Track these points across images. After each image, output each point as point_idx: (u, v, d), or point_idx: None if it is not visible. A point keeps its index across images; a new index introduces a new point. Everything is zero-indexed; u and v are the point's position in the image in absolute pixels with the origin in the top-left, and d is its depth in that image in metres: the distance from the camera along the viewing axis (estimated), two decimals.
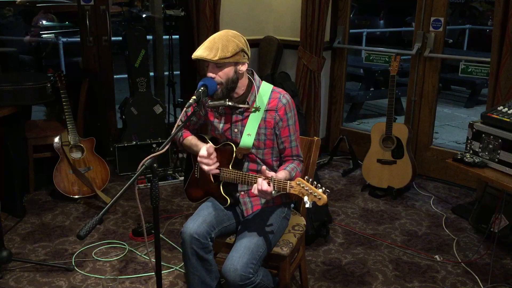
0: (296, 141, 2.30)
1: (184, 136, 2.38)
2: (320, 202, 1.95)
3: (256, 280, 2.12)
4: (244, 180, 2.18)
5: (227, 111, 2.29)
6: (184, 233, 2.19)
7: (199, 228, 2.18)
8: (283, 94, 2.26)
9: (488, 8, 10.24)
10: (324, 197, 1.94)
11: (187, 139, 2.37)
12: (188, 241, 2.17)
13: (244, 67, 2.18)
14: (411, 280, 2.92)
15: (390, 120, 3.90)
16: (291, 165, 2.26)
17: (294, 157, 2.31)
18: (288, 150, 2.29)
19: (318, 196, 1.95)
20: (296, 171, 2.25)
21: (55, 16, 7.76)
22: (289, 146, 2.28)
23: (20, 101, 3.38)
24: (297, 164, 2.29)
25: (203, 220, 2.22)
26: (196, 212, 2.29)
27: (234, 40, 2.12)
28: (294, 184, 2.00)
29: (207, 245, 2.20)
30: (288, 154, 2.30)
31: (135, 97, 4.37)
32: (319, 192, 1.95)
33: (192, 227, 2.18)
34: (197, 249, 2.17)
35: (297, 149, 2.31)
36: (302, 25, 4.44)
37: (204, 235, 2.18)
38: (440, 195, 4.08)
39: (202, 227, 2.19)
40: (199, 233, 2.17)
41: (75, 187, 3.79)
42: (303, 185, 1.98)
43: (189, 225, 2.20)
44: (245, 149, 2.24)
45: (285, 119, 2.24)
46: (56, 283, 2.83)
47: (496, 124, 2.50)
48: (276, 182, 2.04)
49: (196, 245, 2.17)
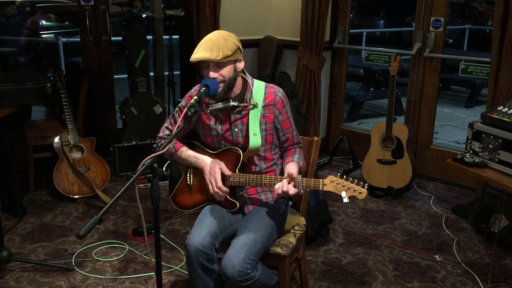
0: (296, 129, 2.37)
1: (176, 147, 2.32)
2: (361, 196, 2.06)
3: (255, 275, 2.12)
4: (253, 182, 2.20)
5: (223, 113, 2.28)
6: (189, 245, 2.15)
7: (204, 240, 2.15)
8: (277, 88, 2.30)
9: (488, 8, 10.24)
10: (365, 191, 2.06)
11: (181, 150, 2.31)
12: (193, 254, 2.14)
13: (241, 65, 2.22)
14: (411, 280, 2.92)
15: (390, 120, 3.90)
16: (296, 155, 2.33)
17: (295, 145, 2.38)
18: (291, 140, 2.36)
19: (359, 191, 2.05)
20: (301, 159, 2.33)
21: (55, 16, 7.77)
22: (291, 136, 2.35)
23: (20, 101, 3.38)
24: (300, 152, 2.37)
25: (208, 231, 2.18)
26: (199, 223, 2.25)
27: (230, 39, 2.16)
28: (328, 181, 2.10)
29: (212, 256, 2.18)
30: (290, 144, 2.37)
31: (135, 97, 4.37)
32: (359, 187, 2.05)
33: (197, 239, 2.15)
34: (203, 261, 2.15)
35: (297, 137, 2.40)
36: (302, 25, 4.45)
37: (210, 247, 2.15)
38: (440, 195, 4.08)
39: (207, 238, 2.16)
40: (205, 245, 2.14)
41: (75, 187, 3.79)
42: (338, 182, 2.07)
43: (194, 237, 2.16)
44: (254, 150, 2.25)
45: (284, 111, 2.29)
46: (56, 283, 2.83)
47: (496, 124, 2.51)
48: (305, 182, 2.12)
49: (202, 257, 2.14)
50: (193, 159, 2.28)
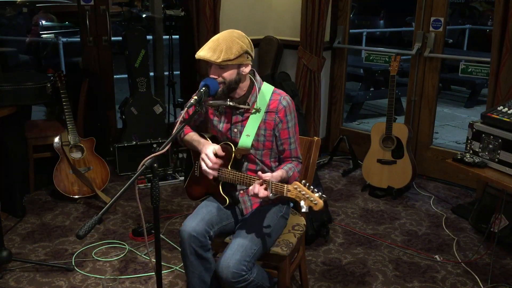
0: (295, 143, 2.31)
1: (185, 132, 2.38)
2: (316, 208, 1.94)
3: (249, 278, 2.12)
4: (242, 181, 2.19)
5: (227, 111, 2.29)
6: (182, 231, 2.19)
7: (198, 226, 2.18)
8: (284, 96, 2.25)
9: (488, 8, 10.25)
10: (320, 203, 1.93)
11: (189, 134, 2.37)
12: (186, 240, 2.17)
13: (247, 69, 2.19)
14: (411, 280, 2.92)
15: (390, 120, 3.90)
16: (289, 165, 2.26)
17: (293, 159, 2.32)
18: (287, 152, 2.30)
19: (314, 201, 1.94)
20: (294, 170, 2.25)
21: (55, 16, 7.76)
22: (288, 148, 2.29)
23: (20, 101, 3.38)
24: (295, 165, 2.29)
25: (202, 219, 2.22)
26: (195, 211, 2.29)
27: (238, 41, 2.12)
28: (292, 188, 2.00)
29: (206, 243, 2.19)
30: (287, 156, 2.31)
31: (135, 97, 4.37)
32: (315, 197, 1.94)
33: (191, 225, 2.18)
34: (195, 248, 2.17)
35: (296, 151, 2.32)
36: (302, 25, 4.45)
37: (203, 234, 2.18)
38: (440, 195, 4.08)
39: (200, 225, 2.19)
40: (198, 232, 2.17)
41: (75, 187, 3.79)
42: (300, 189, 1.97)
43: (187, 223, 2.20)
44: (244, 150, 2.24)
45: (285, 121, 2.24)
46: (56, 283, 2.83)
47: (496, 124, 2.51)
48: (273, 185, 2.04)
49: (195, 244, 2.17)
50: (196, 143, 2.32)
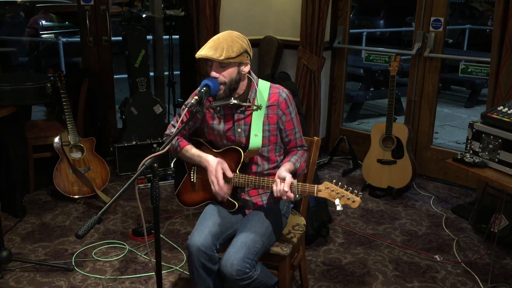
0: (300, 131, 2.34)
1: (182, 145, 2.32)
2: (355, 205, 2.04)
3: (253, 275, 2.12)
4: (257, 184, 2.19)
5: (227, 112, 2.29)
6: (191, 246, 2.15)
7: (206, 241, 2.15)
8: (282, 89, 2.29)
9: (488, 8, 10.25)
10: (358, 200, 2.04)
11: (186, 149, 2.31)
12: (195, 254, 2.14)
13: (247, 68, 2.20)
14: (411, 280, 2.92)
15: (390, 120, 3.90)
16: (295, 156, 2.30)
17: (299, 147, 2.36)
18: (293, 142, 2.33)
19: (352, 199, 2.03)
20: (300, 161, 2.28)
21: (55, 16, 7.76)
22: (294, 138, 2.32)
23: (20, 101, 3.38)
24: (301, 154, 2.33)
25: (209, 232, 2.19)
26: (201, 222, 2.25)
27: (238, 40, 2.14)
28: (322, 187, 2.07)
29: (214, 256, 2.18)
30: (293, 146, 2.34)
31: (135, 97, 4.37)
32: (352, 196, 2.03)
33: (199, 240, 2.15)
34: (204, 262, 2.15)
35: (301, 139, 2.36)
36: (302, 25, 4.44)
37: (211, 247, 2.16)
38: (440, 195, 4.08)
39: (208, 239, 2.16)
40: (206, 246, 2.14)
41: (75, 187, 3.79)
42: (333, 189, 2.05)
43: (196, 238, 2.16)
44: (254, 151, 2.24)
45: (288, 112, 2.27)
46: (56, 283, 2.83)
47: (496, 124, 2.50)
48: (300, 186, 2.09)
49: (203, 258, 2.14)
50: (197, 158, 2.28)
